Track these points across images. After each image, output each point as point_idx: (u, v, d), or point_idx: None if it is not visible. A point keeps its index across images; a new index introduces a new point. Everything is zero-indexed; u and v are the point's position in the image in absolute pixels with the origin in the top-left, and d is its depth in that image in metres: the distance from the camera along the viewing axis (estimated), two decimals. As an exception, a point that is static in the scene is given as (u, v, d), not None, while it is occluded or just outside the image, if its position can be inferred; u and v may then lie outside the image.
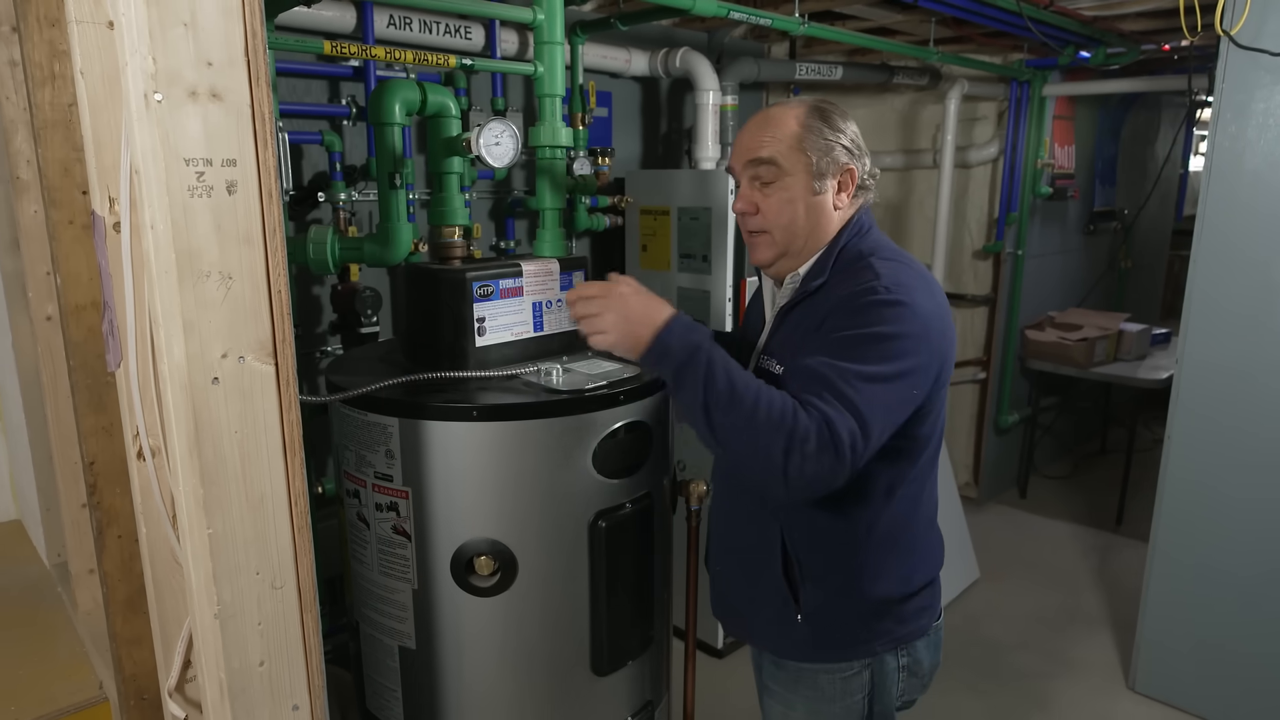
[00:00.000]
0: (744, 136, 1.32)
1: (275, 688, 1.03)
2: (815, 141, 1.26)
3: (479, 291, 1.41)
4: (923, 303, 1.21)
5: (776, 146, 1.27)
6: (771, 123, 1.29)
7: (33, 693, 1.65)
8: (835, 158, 1.28)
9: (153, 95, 0.84)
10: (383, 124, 1.56)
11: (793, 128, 1.27)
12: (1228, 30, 2.24)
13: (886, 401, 1.15)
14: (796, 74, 3.17)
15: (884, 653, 1.34)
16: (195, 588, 0.97)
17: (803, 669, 1.37)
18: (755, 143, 1.29)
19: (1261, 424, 2.38)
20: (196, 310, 0.90)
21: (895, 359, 1.16)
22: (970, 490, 4.23)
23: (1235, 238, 2.37)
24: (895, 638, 1.34)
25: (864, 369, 1.14)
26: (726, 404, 1.12)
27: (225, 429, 0.94)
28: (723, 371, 1.14)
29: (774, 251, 1.32)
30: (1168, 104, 4.93)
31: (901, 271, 1.23)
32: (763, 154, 1.27)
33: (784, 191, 1.28)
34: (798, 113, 1.28)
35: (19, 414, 2.16)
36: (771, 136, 1.27)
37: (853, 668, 1.34)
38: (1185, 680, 2.62)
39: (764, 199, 1.29)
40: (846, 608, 1.31)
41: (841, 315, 1.20)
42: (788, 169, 1.27)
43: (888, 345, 1.16)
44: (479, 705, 1.40)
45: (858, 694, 1.36)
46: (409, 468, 1.32)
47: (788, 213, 1.28)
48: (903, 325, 1.17)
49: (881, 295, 1.18)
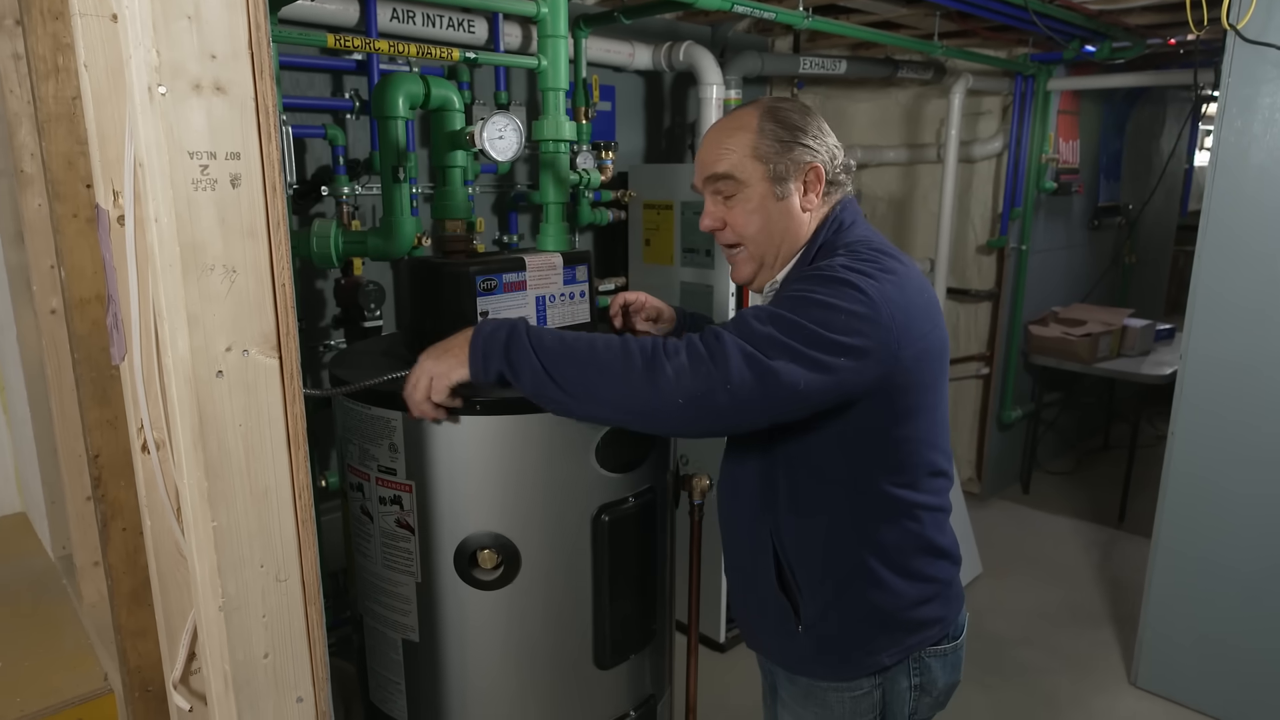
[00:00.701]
0: (701, 151, 1.28)
1: (280, 680, 1.03)
2: (769, 145, 1.22)
3: (482, 285, 1.41)
4: (883, 290, 1.11)
5: (731, 159, 1.23)
6: (724, 133, 1.25)
7: (38, 684, 1.66)
8: (795, 158, 1.23)
9: (157, 88, 0.84)
10: (386, 117, 1.56)
11: (745, 136, 1.23)
12: (1234, 24, 2.23)
13: (803, 354, 1.05)
14: (800, 68, 3.16)
15: (893, 667, 1.28)
16: (200, 580, 0.98)
17: (813, 685, 1.32)
18: (711, 157, 1.26)
19: (1266, 419, 2.37)
20: (200, 303, 0.90)
21: (827, 328, 1.07)
22: (973, 486, 4.23)
23: (1240, 233, 2.37)
24: (904, 648, 1.27)
25: (781, 313, 1.08)
26: (564, 356, 1.08)
27: (229, 422, 0.94)
28: (548, 333, 1.10)
29: (753, 265, 1.30)
30: (1173, 99, 4.91)
31: (868, 262, 1.16)
32: (719, 169, 1.24)
33: (746, 203, 1.25)
34: (749, 119, 1.24)
35: (24, 407, 2.16)
36: (725, 149, 1.24)
37: (862, 686, 1.28)
38: (1188, 676, 2.62)
39: (728, 212, 1.27)
40: (845, 617, 1.26)
41: (787, 285, 1.18)
42: (745, 179, 1.24)
43: (823, 312, 1.08)
44: (482, 698, 1.41)
45: (867, 715, 1.30)
46: (412, 461, 1.32)
47: (754, 223, 1.25)
48: (847, 302, 1.09)
49: (836, 273, 1.13)
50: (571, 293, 1.56)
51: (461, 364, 1.15)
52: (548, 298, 1.52)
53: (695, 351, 1.05)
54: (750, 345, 1.05)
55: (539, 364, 1.08)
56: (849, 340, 1.08)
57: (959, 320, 4.21)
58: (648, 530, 1.48)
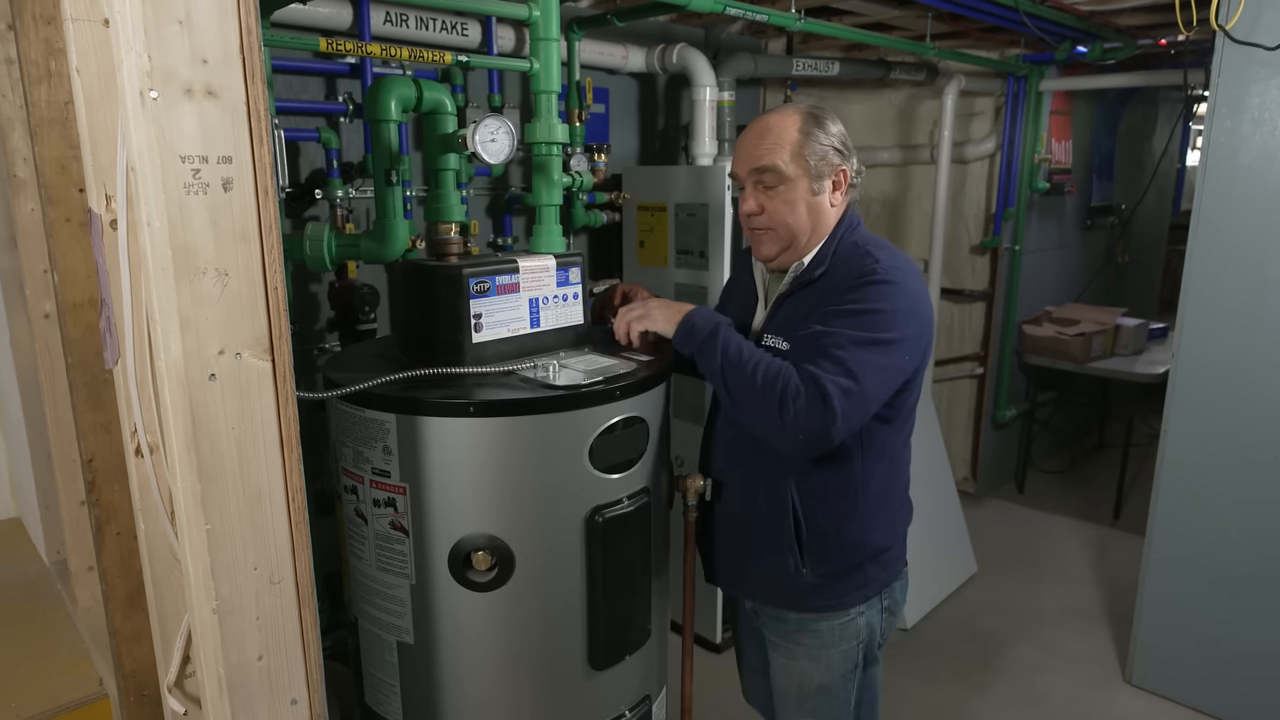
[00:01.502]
0: (746, 144, 1.45)
1: (274, 682, 1.03)
2: (813, 147, 1.41)
3: (475, 288, 1.41)
4: (913, 284, 1.38)
5: (779, 154, 1.41)
6: (772, 131, 1.42)
7: (33, 689, 1.65)
8: (830, 160, 1.42)
9: (148, 93, 0.84)
10: (379, 121, 1.56)
11: (793, 135, 1.41)
12: (1223, 24, 2.25)
13: (878, 363, 1.31)
14: (793, 70, 3.17)
15: (873, 597, 1.52)
16: (194, 583, 0.98)
17: (804, 619, 1.52)
18: (758, 151, 1.42)
19: (1257, 420, 2.38)
20: (193, 307, 0.90)
21: (887, 329, 1.32)
22: (968, 485, 4.24)
23: (1230, 233, 2.38)
24: (882, 582, 1.53)
25: (858, 334, 1.31)
26: (736, 367, 1.33)
27: (222, 425, 0.94)
28: (735, 344, 1.36)
29: (778, 246, 1.46)
30: (1165, 98, 4.93)
31: (896, 257, 1.41)
32: (765, 162, 1.41)
33: (787, 194, 1.42)
34: (796, 120, 1.42)
35: (17, 412, 2.16)
36: (773, 144, 1.41)
37: (849, 615, 1.51)
38: (1182, 674, 2.63)
39: (769, 201, 1.44)
40: (846, 559, 1.48)
41: (841, 291, 1.36)
42: (790, 175, 1.41)
43: (881, 317, 1.32)
44: (477, 699, 1.41)
45: (853, 640, 1.52)
46: (406, 463, 1.32)
47: (792, 213, 1.43)
48: (895, 301, 1.34)
49: (880, 275, 1.35)
50: (564, 295, 1.56)
51: (671, 325, 1.44)
52: (541, 300, 1.52)
53: (811, 398, 1.27)
54: (845, 379, 1.27)
55: (719, 364, 1.36)
56: (907, 332, 1.34)
57: (953, 320, 4.22)
58: (642, 531, 1.48)
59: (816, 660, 1.53)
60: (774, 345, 1.44)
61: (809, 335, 1.34)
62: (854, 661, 1.54)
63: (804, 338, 1.35)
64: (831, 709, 1.55)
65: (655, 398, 1.48)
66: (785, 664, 1.57)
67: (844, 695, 1.55)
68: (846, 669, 1.53)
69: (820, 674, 1.54)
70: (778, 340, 1.44)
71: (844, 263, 1.41)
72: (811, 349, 1.32)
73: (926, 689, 2.72)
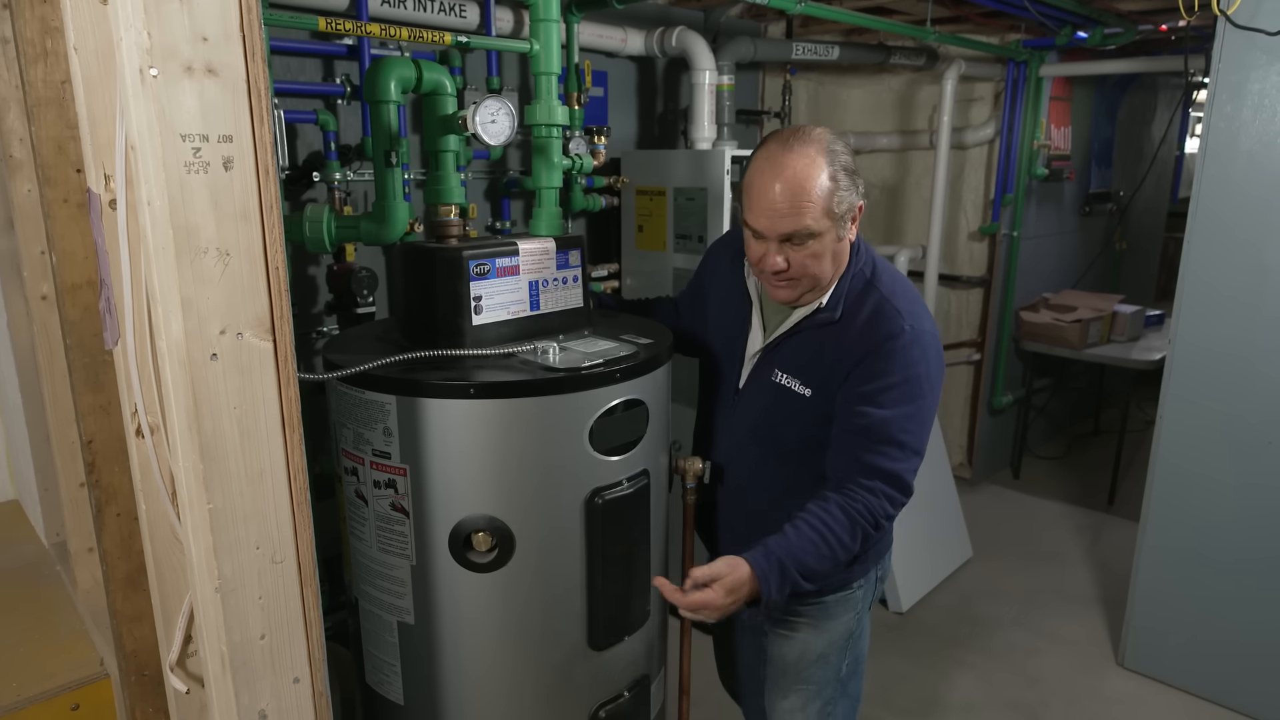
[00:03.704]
0: (770, 198, 1.34)
1: (276, 660, 1.04)
2: (840, 196, 1.35)
3: (475, 270, 1.41)
4: (929, 327, 1.40)
5: (812, 213, 1.33)
6: (800, 186, 1.32)
7: (33, 669, 1.66)
8: (852, 202, 1.37)
9: (148, 70, 0.84)
10: (379, 102, 1.55)
11: (824, 187, 1.33)
12: (1224, 10, 2.24)
13: (926, 423, 1.38)
14: (793, 54, 3.15)
15: (872, 568, 1.58)
16: (196, 562, 0.98)
17: (808, 595, 1.51)
18: (789, 211, 1.33)
19: (1252, 408, 2.39)
20: (194, 287, 0.90)
21: (926, 389, 1.37)
22: (964, 471, 4.26)
23: (1229, 220, 2.38)
24: (879, 554, 1.59)
25: (907, 409, 1.35)
26: (828, 569, 1.34)
27: (224, 405, 0.95)
28: (812, 563, 1.31)
29: (799, 291, 1.42)
30: (1164, 85, 4.91)
31: (910, 301, 1.41)
32: (799, 226, 1.33)
33: (816, 248, 1.36)
34: (821, 167, 1.33)
35: (15, 394, 2.15)
36: (805, 202, 1.32)
37: (850, 589, 1.56)
38: (1174, 657, 2.66)
39: (794, 254, 1.37)
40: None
41: (878, 362, 1.36)
42: (820, 231, 1.35)
43: (919, 383, 1.36)
44: (477, 679, 1.42)
45: (851, 611, 1.58)
46: (407, 445, 1.32)
47: (819, 265, 1.38)
48: (927, 356, 1.37)
49: (907, 336, 1.36)
50: (564, 278, 1.56)
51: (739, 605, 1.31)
52: (541, 283, 1.52)
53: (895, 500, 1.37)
54: (915, 457, 1.37)
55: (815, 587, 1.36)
56: (937, 378, 1.40)
57: (951, 306, 4.22)
58: (641, 513, 1.49)
59: (819, 631, 1.58)
60: (791, 388, 1.44)
61: (864, 426, 1.35)
62: (850, 630, 1.60)
63: (860, 427, 1.36)
64: (824, 675, 1.61)
65: (655, 381, 1.48)
66: (786, 636, 1.60)
67: (837, 662, 1.61)
68: (843, 637, 1.60)
69: (821, 644, 1.59)
70: (794, 382, 1.44)
71: (861, 304, 1.40)
72: (875, 439, 1.35)
73: (921, 671, 2.74)
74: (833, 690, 1.61)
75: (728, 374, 1.57)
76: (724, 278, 1.61)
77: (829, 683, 1.61)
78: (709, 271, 1.69)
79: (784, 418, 1.47)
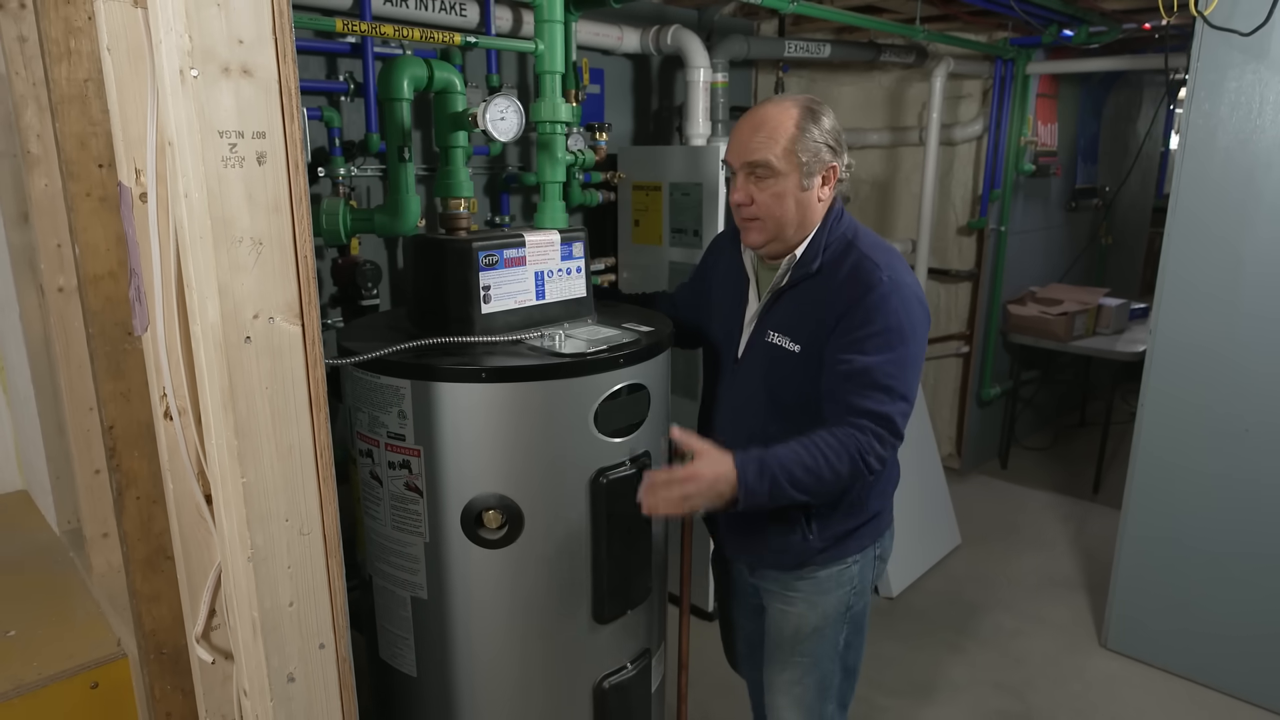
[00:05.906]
0: (742, 134, 1.47)
1: (304, 626, 1.10)
2: (806, 144, 1.43)
3: (484, 260, 1.47)
4: (909, 279, 1.45)
5: (773, 149, 1.43)
6: (768, 124, 1.44)
7: (53, 650, 1.71)
8: (822, 158, 1.45)
9: (189, 71, 0.90)
10: (392, 99, 1.61)
11: (788, 130, 1.43)
12: (1201, 10, 2.31)
13: (913, 367, 1.42)
14: (785, 52, 3.22)
15: (868, 546, 1.63)
16: (229, 533, 1.04)
17: (804, 570, 1.61)
18: (752, 143, 1.44)
19: (1229, 400, 2.47)
20: (230, 274, 0.96)
21: (909, 336, 1.41)
22: (953, 461, 4.34)
23: (1206, 215, 2.45)
24: (876, 533, 1.64)
25: (891, 355, 1.39)
26: (814, 485, 1.35)
27: (257, 385, 1.01)
28: (798, 471, 1.34)
29: (765, 236, 1.50)
30: (1149, 82, 5.00)
31: (888, 255, 1.47)
32: (758, 157, 1.44)
33: (777, 188, 1.45)
34: (793, 114, 1.43)
35: (26, 386, 2.19)
36: (768, 138, 1.43)
37: (845, 564, 1.61)
38: (1155, 638, 2.75)
39: (759, 192, 1.46)
40: (848, 523, 1.58)
41: (859, 313, 1.41)
42: (782, 170, 1.44)
43: (902, 330, 1.41)
44: (487, 651, 1.48)
45: (847, 586, 1.62)
46: (420, 427, 1.38)
47: (780, 206, 1.46)
48: (906, 305, 1.42)
49: (885, 286, 1.41)
50: (568, 268, 1.62)
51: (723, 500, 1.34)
52: (546, 273, 1.58)
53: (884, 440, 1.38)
54: (902, 402, 1.40)
55: (800, 498, 1.37)
56: (920, 327, 1.44)
57: (940, 300, 4.30)
58: (643, 493, 1.55)
59: (814, 605, 1.63)
60: (782, 345, 1.50)
61: (849, 371, 1.39)
62: (846, 604, 1.64)
63: (845, 373, 1.40)
64: (820, 648, 1.66)
65: (657, 366, 1.54)
66: (783, 611, 1.65)
67: (833, 635, 1.65)
68: (839, 611, 1.64)
69: (816, 618, 1.63)
70: (784, 339, 1.49)
71: (842, 260, 1.46)
72: (861, 384, 1.39)
73: (910, 654, 2.82)
74: (830, 664, 1.67)
75: (728, 347, 1.63)
76: (725, 259, 1.69)
77: (826, 656, 1.66)
78: (711, 258, 1.77)
79: (780, 378, 1.52)
